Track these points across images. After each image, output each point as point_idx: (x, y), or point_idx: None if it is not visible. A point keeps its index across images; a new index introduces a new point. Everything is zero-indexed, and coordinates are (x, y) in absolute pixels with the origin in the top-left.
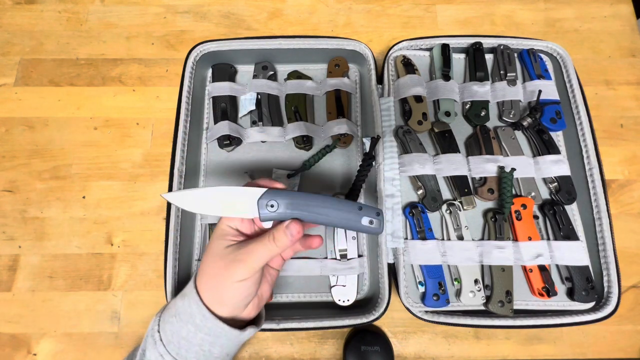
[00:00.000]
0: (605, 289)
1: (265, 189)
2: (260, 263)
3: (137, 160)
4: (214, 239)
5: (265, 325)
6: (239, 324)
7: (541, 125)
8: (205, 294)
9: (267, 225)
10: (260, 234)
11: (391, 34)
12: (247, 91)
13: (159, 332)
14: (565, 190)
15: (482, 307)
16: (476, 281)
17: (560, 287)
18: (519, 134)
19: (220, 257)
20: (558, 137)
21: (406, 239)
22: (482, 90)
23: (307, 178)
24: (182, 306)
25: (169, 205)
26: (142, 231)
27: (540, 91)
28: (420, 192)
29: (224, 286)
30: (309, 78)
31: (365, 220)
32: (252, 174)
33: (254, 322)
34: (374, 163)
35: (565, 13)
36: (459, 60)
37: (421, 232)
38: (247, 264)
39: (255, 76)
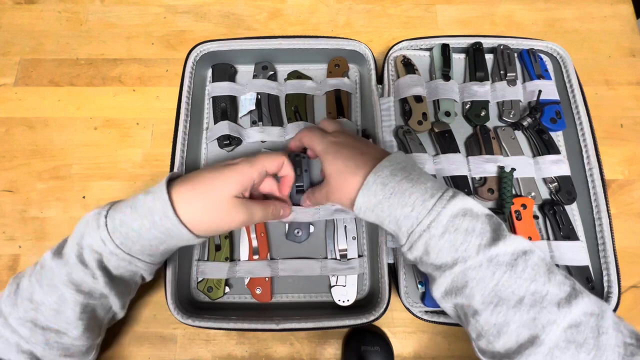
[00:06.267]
0: (605, 289)
1: None
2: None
3: (137, 161)
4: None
5: (265, 326)
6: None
7: (541, 125)
8: (185, 204)
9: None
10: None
11: (391, 34)
12: (247, 91)
13: (106, 217)
14: (565, 190)
15: None
16: None
17: None
18: (519, 134)
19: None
20: (558, 137)
21: None
22: (482, 90)
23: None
24: (142, 200)
25: None
26: None
27: (540, 91)
28: None
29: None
30: (309, 78)
31: None
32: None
33: None
34: None
35: (565, 13)
36: (459, 60)
37: None
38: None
39: (255, 76)
